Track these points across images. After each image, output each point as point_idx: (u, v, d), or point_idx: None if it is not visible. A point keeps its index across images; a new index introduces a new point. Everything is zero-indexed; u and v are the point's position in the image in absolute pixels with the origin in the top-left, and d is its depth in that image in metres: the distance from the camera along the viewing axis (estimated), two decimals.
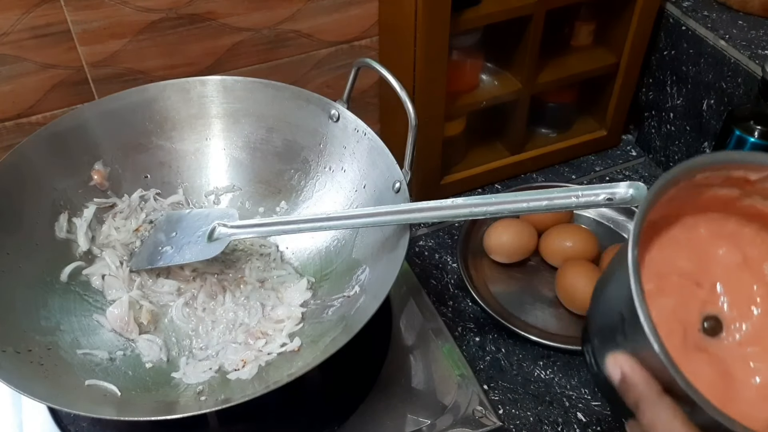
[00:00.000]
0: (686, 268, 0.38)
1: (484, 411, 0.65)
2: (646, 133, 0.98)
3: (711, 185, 0.36)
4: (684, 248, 0.38)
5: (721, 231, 0.38)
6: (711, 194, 0.37)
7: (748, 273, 0.37)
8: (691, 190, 0.36)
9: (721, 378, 0.35)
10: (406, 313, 0.74)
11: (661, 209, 0.36)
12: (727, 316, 0.37)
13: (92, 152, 0.70)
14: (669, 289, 0.37)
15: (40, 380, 0.56)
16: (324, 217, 0.63)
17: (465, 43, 0.82)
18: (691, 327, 0.37)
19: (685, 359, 0.34)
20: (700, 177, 0.36)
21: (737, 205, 0.37)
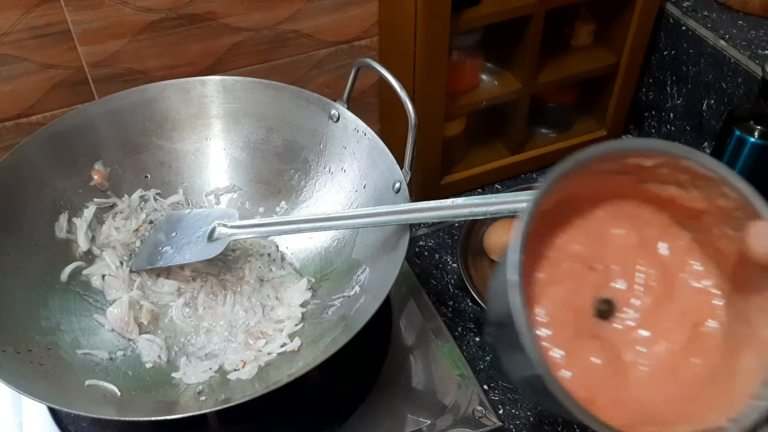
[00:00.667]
0: (580, 252, 0.37)
1: (484, 411, 0.65)
2: (646, 133, 0.98)
3: (608, 172, 0.36)
4: (580, 233, 0.37)
5: (619, 213, 0.38)
6: (609, 180, 0.37)
7: (644, 254, 0.37)
8: (588, 177, 0.36)
9: (611, 365, 0.35)
10: (406, 313, 0.74)
11: (556, 196, 0.36)
12: (621, 298, 0.37)
13: (92, 152, 0.70)
14: (561, 276, 0.36)
15: (40, 380, 0.56)
16: (324, 217, 0.63)
17: (465, 43, 0.82)
18: (583, 313, 0.36)
19: (576, 349, 0.34)
20: (596, 166, 0.35)
21: (635, 190, 0.37)
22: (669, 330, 0.35)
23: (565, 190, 0.36)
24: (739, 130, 0.72)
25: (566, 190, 0.36)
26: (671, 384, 0.35)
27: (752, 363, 0.32)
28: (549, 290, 0.36)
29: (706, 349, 0.35)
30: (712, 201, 0.35)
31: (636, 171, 0.36)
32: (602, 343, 0.36)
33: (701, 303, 0.35)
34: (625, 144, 0.35)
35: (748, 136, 0.71)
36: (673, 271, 0.36)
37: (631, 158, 0.35)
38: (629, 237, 0.37)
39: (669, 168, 0.35)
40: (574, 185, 0.36)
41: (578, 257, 0.37)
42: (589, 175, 0.36)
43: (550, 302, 0.35)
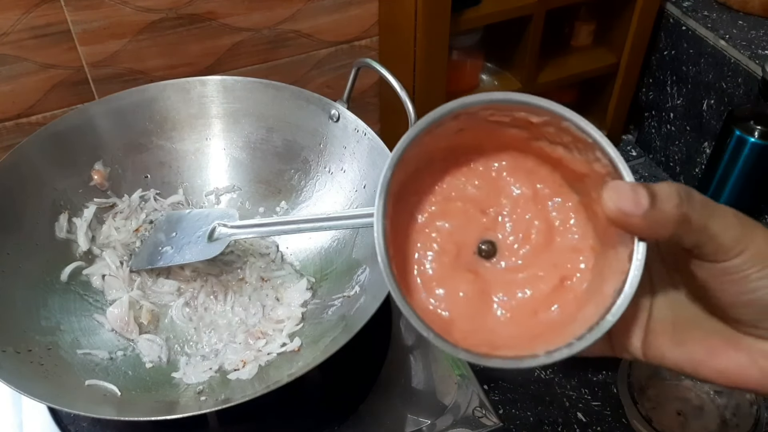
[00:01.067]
0: (475, 195, 0.40)
1: (484, 411, 0.65)
2: (646, 133, 0.98)
3: (502, 123, 0.38)
4: (478, 177, 0.40)
5: (519, 166, 0.40)
6: (506, 132, 0.39)
7: (533, 208, 0.40)
8: (483, 125, 0.38)
9: (479, 297, 0.38)
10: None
11: (453, 141, 0.39)
12: (503, 243, 0.40)
13: (92, 152, 0.70)
14: (451, 213, 0.40)
15: (40, 380, 0.56)
16: (324, 217, 0.62)
17: (465, 43, 0.82)
18: (466, 249, 0.39)
19: (451, 276, 0.38)
20: (484, 114, 0.37)
21: (531, 146, 0.39)
22: (538, 278, 0.39)
23: (464, 133, 0.38)
24: (739, 130, 0.72)
25: (464, 136, 0.39)
26: (525, 323, 0.38)
27: (591, 312, 0.35)
28: (435, 223, 0.39)
29: (565, 300, 0.38)
30: (590, 165, 0.37)
31: (527, 127, 0.38)
32: (476, 278, 0.39)
33: (572, 259, 0.38)
34: (508, 96, 0.37)
35: (748, 136, 0.71)
36: (555, 228, 0.39)
37: (519, 112, 0.37)
38: (524, 190, 0.40)
39: (554, 128, 0.37)
40: (470, 130, 0.38)
41: (472, 199, 0.40)
42: (483, 122, 0.38)
43: (435, 231, 0.39)
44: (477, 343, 0.36)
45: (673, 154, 0.94)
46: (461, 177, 0.40)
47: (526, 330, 0.38)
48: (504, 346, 0.37)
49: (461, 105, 0.37)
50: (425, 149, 0.39)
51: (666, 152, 0.95)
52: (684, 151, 0.91)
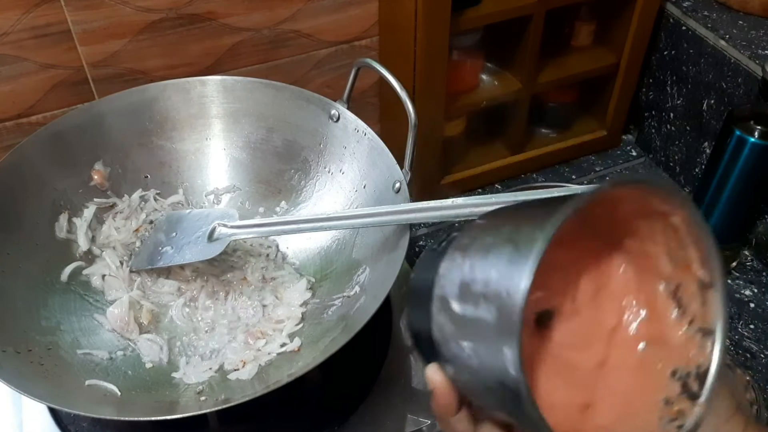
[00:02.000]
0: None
1: None
2: (646, 133, 0.98)
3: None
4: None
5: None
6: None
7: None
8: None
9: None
10: (406, 312, 0.74)
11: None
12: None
13: (92, 152, 0.70)
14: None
15: (40, 380, 0.56)
16: (324, 217, 0.63)
17: (465, 43, 0.82)
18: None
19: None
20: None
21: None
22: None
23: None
24: (739, 130, 0.72)
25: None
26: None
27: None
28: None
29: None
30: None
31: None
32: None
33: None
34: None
35: (748, 136, 0.71)
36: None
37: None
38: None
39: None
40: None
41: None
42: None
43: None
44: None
45: (673, 154, 0.94)
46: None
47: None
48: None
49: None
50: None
51: (666, 152, 0.95)
52: (684, 151, 0.91)
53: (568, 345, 0.36)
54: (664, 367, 0.35)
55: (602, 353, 0.37)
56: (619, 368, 0.36)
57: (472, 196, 0.85)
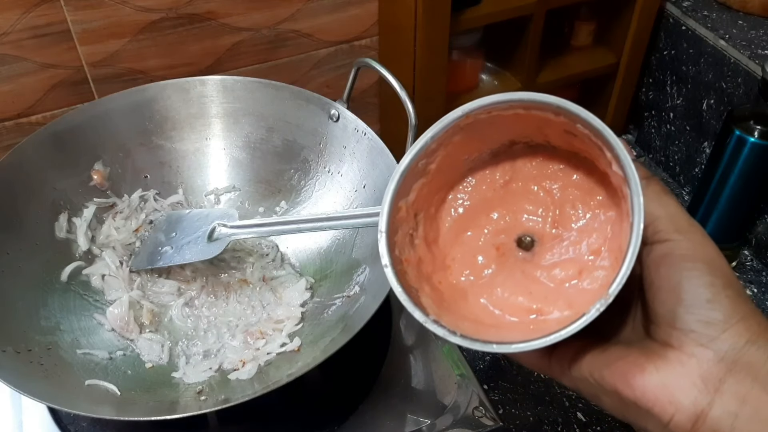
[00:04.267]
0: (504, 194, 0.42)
1: (484, 411, 0.65)
2: (646, 133, 0.98)
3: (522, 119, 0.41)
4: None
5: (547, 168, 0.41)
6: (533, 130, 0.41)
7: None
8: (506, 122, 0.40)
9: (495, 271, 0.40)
10: (406, 313, 0.73)
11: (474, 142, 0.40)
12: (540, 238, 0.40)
13: (92, 152, 0.70)
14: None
15: (40, 380, 0.56)
16: (324, 217, 0.62)
17: (465, 43, 0.82)
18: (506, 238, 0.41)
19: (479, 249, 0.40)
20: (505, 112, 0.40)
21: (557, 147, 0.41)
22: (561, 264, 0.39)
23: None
24: (739, 130, 0.72)
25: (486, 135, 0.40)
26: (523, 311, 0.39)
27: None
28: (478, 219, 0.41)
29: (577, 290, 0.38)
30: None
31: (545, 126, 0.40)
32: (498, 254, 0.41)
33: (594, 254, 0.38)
34: (525, 96, 0.40)
35: (748, 136, 0.71)
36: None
37: (536, 111, 0.39)
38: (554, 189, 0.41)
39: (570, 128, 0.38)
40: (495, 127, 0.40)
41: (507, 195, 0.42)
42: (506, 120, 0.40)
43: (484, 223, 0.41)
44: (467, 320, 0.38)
45: (673, 154, 0.94)
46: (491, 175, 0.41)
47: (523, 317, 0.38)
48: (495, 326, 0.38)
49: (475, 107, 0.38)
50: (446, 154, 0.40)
51: (666, 152, 0.95)
52: (684, 150, 0.91)
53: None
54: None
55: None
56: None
57: None
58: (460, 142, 0.39)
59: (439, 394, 0.67)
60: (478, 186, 0.42)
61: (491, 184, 0.42)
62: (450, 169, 0.41)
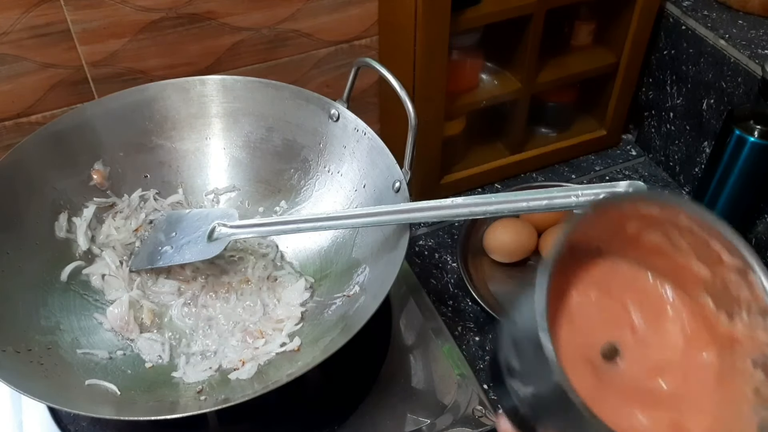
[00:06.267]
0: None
1: (483, 410, 0.65)
2: (646, 133, 0.98)
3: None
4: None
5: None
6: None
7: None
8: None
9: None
10: (406, 312, 0.74)
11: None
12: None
13: (92, 152, 0.70)
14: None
15: (40, 380, 0.56)
16: (324, 217, 0.63)
17: (465, 43, 0.82)
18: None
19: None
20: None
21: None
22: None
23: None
24: (739, 130, 0.72)
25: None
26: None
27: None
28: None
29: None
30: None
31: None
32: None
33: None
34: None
35: (748, 136, 0.71)
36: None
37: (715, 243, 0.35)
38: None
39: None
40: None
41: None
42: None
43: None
44: None
45: (672, 154, 0.94)
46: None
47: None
48: None
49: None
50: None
51: (666, 152, 0.95)
52: (684, 150, 0.91)
53: (644, 374, 0.37)
54: (741, 364, 0.35)
55: (680, 375, 0.37)
56: (700, 384, 0.37)
57: (471, 195, 0.85)
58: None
59: (439, 394, 0.67)
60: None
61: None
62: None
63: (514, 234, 0.80)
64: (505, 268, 0.82)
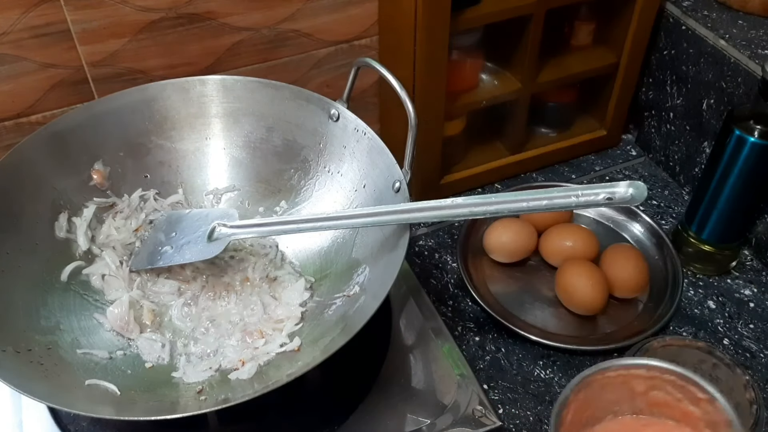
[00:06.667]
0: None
1: (483, 410, 0.65)
2: (646, 133, 0.98)
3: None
4: None
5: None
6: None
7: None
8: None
9: None
10: (406, 312, 0.74)
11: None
12: None
13: (92, 152, 0.70)
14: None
15: (40, 380, 0.56)
16: (324, 217, 0.63)
17: (465, 43, 0.82)
18: None
19: None
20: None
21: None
22: None
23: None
24: (739, 130, 0.72)
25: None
26: None
27: None
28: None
29: None
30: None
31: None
32: None
33: None
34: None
35: (748, 136, 0.71)
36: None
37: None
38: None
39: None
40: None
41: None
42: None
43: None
44: None
45: (672, 154, 0.94)
46: None
47: None
48: None
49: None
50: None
51: (666, 152, 0.95)
52: (684, 150, 0.91)
53: None
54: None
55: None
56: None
57: (471, 195, 0.85)
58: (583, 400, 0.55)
59: (439, 394, 0.67)
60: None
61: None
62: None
63: (514, 234, 0.80)
64: (505, 268, 0.82)
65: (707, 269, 0.82)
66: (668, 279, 0.79)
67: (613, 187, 0.48)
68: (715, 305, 0.79)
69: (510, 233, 0.80)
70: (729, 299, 0.79)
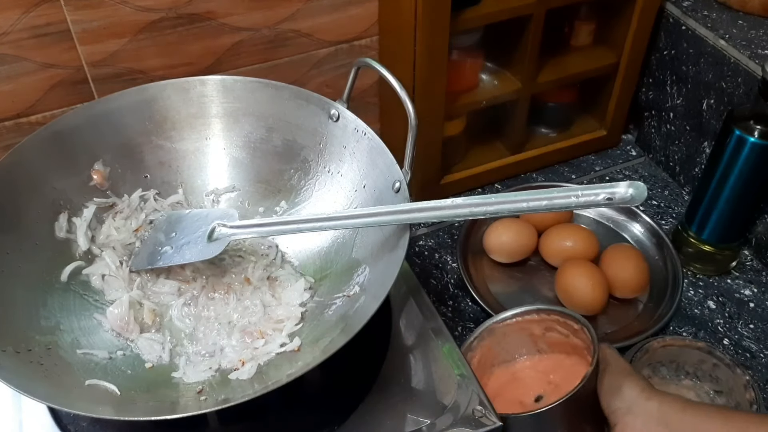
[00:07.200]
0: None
1: (483, 410, 0.65)
2: (646, 133, 0.98)
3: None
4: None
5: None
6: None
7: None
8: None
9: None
10: (405, 312, 0.74)
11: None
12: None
13: (92, 152, 0.70)
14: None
15: (40, 380, 0.56)
16: (324, 217, 0.62)
17: (465, 43, 0.82)
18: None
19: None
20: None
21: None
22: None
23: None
24: (739, 130, 0.72)
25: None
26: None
27: None
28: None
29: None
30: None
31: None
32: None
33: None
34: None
35: (748, 136, 0.71)
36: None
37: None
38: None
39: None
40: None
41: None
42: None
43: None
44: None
45: (672, 154, 0.94)
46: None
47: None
48: None
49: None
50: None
51: (666, 152, 0.95)
52: (684, 150, 0.91)
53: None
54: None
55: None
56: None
57: (472, 196, 0.85)
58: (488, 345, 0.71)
59: (439, 394, 0.67)
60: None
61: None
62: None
63: (514, 234, 0.80)
64: (505, 268, 0.82)
65: (707, 269, 0.82)
66: (668, 279, 0.79)
67: (613, 188, 0.48)
68: (715, 305, 0.79)
69: (510, 233, 0.80)
70: (729, 299, 0.79)
